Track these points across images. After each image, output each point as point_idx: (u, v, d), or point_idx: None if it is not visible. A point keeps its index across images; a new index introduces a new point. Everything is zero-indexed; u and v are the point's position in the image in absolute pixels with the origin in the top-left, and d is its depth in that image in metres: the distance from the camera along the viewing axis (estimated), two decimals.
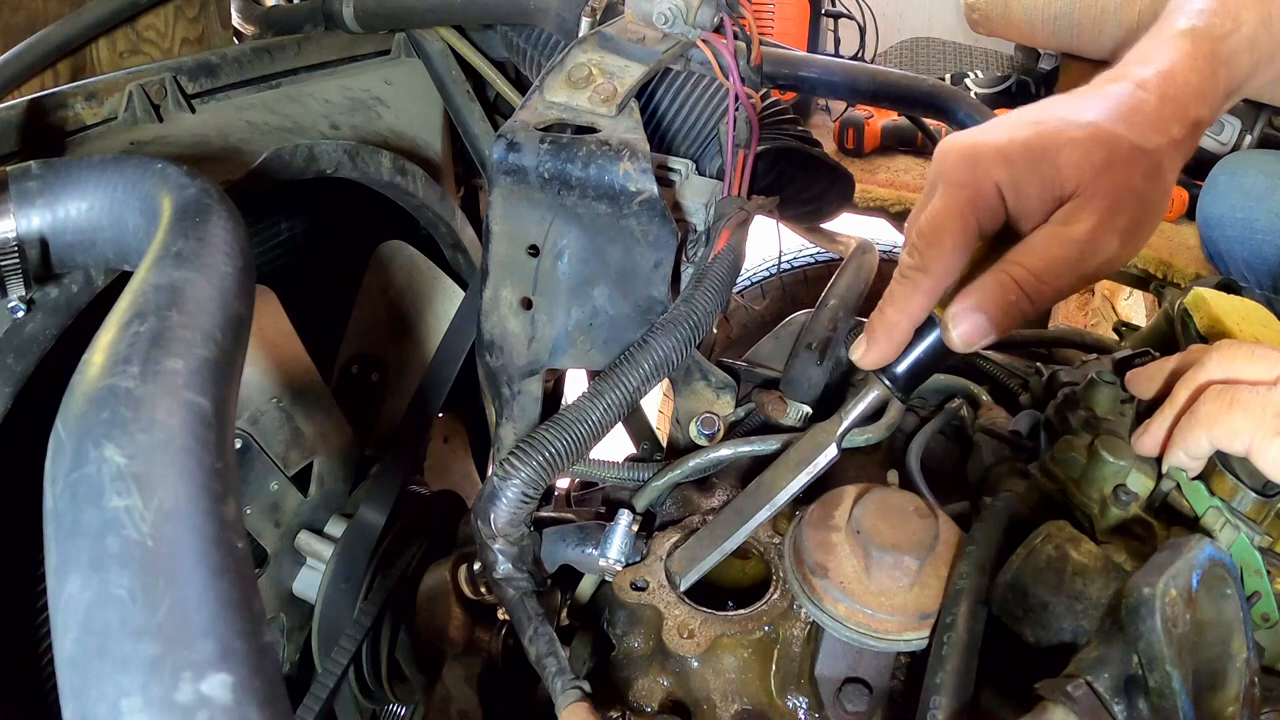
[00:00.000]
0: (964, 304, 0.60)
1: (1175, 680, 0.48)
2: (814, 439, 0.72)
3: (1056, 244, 0.58)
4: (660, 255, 0.73)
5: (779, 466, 0.73)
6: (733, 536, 0.71)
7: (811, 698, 0.68)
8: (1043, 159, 0.57)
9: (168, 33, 1.20)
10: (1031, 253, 0.58)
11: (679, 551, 0.74)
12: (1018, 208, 0.59)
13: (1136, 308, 2.35)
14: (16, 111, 0.78)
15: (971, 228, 0.59)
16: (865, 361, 0.65)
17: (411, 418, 1.08)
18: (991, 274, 0.59)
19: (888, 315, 0.62)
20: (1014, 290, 0.58)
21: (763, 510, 0.71)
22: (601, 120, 0.74)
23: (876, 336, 0.63)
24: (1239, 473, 0.60)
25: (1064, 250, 0.58)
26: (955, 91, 1.30)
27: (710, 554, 0.72)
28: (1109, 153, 0.57)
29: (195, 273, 0.49)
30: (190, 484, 0.37)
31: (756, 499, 0.72)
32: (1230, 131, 1.78)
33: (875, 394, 0.69)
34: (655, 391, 0.94)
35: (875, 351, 0.64)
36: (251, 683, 0.33)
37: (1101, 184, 0.57)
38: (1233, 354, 0.62)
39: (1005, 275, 0.59)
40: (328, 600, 0.97)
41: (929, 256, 0.59)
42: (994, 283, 0.59)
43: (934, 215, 0.59)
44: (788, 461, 0.73)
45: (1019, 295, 0.58)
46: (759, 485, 0.73)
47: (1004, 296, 0.59)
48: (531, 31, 1.07)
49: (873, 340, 0.63)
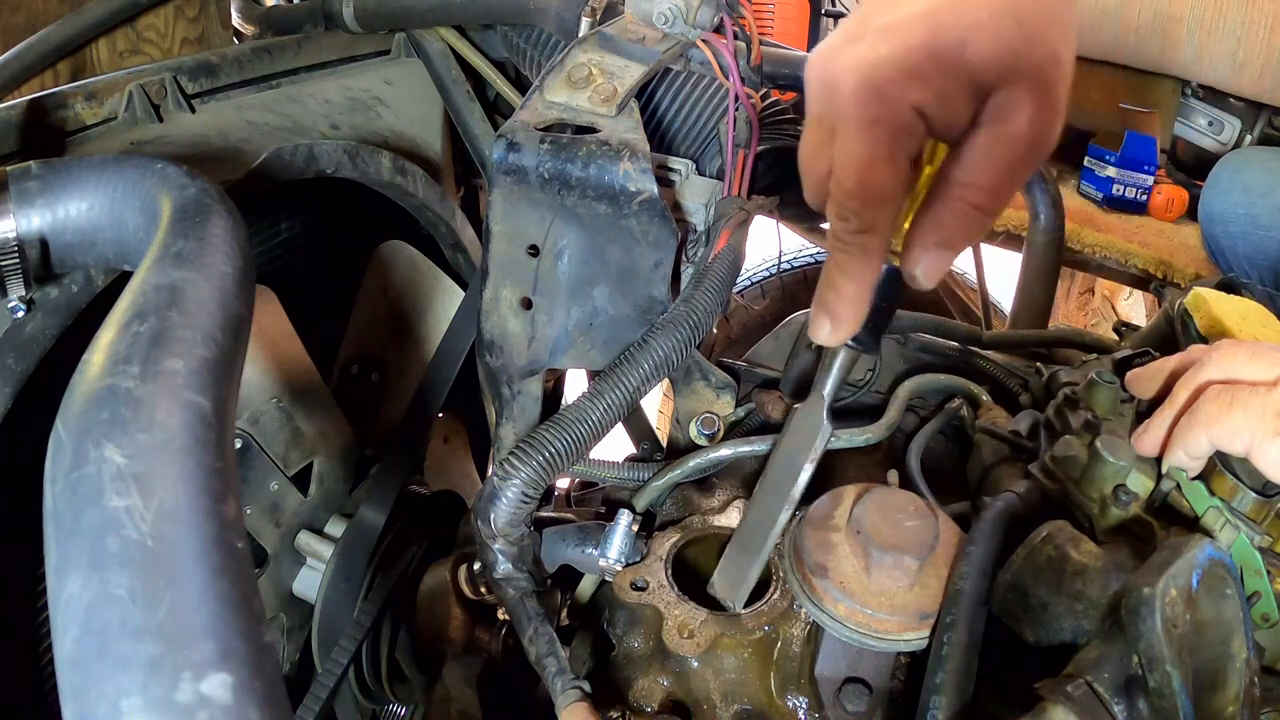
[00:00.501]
0: (926, 244, 0.54)
1: (1175, 680, 0.48)
2: (802, 425, 0.72)
3: (1000, 147, 0.51)
4: (660, 255, 0.73)
5: (778, 462, 0.73)
6: (766, 542, 0.71)
7: (811, 698, 0.68)
8: (951, 57, 0.49)
9: (168, 33, 1.20)
10: (976, 166, 0.52)
11: (718, 578, 0.73)
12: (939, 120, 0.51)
13: (1136, 308, 2.35)
14: (16, 111, 0.78)
15: (903, 166, 0.52)
16: (833, 342, 0.59)
17: (411, 418, 1.08)
18: (943, 203, 0.53)
19: (845, 290, 0.55)
20: (969, 213, 0.53)
21: (784, 509, 0.70)
22: (601, 120, 0.74)
23: (839, 314, 0.56)
24: (1239, 473, 0.60)
25: (1010, 151, 0.51)
26: None
27: (752, 566, 0.71)
28: (1021, 24, 0.49)
29: (195, 273, 0.49)
30: (190, 484, 0.37)
31: (773, 500, 0.72)
32: (1230, 131, 1.78)
33: (844, 358, 0.68)
34: (655, 391, 0.94)
35: (842, 329, 0.57)
36: (251, 683, 0.33)
37: (1025, 64, 0.49)
38: (1233, 354, 0.62)
39: (958, 201, 0.53)
40: (328, 600, 0.97)
41: (870, 217, 0.52)
42: (948, 212, 0.53)
43: (860, 167, 0.51)
44: (787, 454, 0.73)
45: (976, 216, 0.53)
46: (768, 487, 0.73)
47: (963, 224, 0.53)
48: (531, 31, 1.07)
49: (836, 318, 0.57)
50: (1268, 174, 1.56)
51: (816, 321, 0.58)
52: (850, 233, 0.53)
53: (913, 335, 0.94)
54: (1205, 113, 1.81)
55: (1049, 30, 0.50)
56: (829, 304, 0.57)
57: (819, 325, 0.58)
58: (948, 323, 0.95)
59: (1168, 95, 1.83)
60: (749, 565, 0.72)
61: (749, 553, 0.72)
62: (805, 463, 0.70)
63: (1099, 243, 1.74)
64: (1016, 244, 1.69)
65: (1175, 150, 1.87)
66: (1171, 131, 1.86)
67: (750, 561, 0.72)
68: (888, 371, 0.94)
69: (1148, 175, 1.78)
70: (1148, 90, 1.84)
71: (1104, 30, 1.76)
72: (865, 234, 0.53)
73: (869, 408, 0.93)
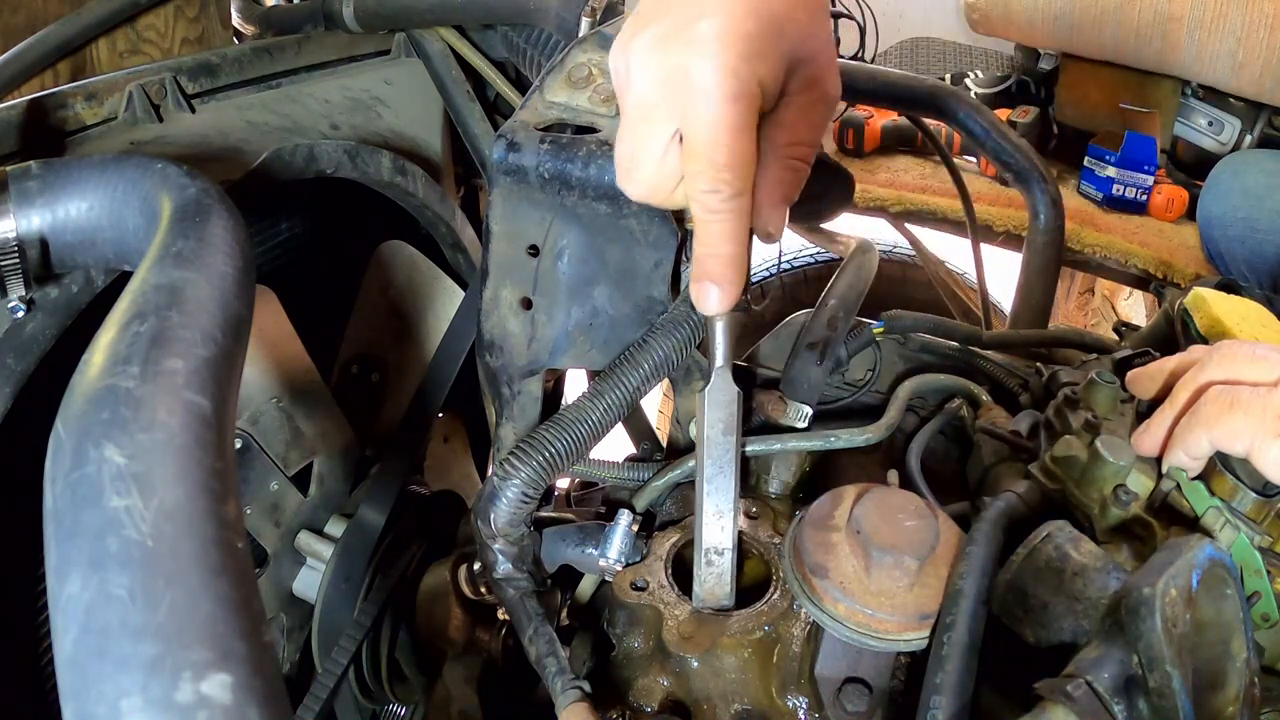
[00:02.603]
0: (774, 201, 0.61)
1: (1175, 680, 0.48)
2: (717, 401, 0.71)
3: (814, 110, 0.61)
4: (660, 255, 0.73)
5: (709, 451, 0.72)
6: (731, 530, 0.71)
7: (811, 698, 0.68)
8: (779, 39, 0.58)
9: (168, 33, 1.21)
10: (798, 126, 0.61)
11: (699, 589, 0.73)
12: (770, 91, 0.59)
13: (1136, 308, 2.35)
14: (16, 111, 0.78)
15: (755, 133, 0.59)
16: (725, 306, 0.63)
17: (411, 418, 1.08)
18: (777, 163, 0.61)
19: (728, 253, 0.60)
20: (800, 168, 0.62)
21: (732, 490, 0.71)
22: (601, 120, 0.74)
23: (728, 277, 0.61)
24: (1239, 473, 0.60)
25: (821, 112, 0.62)
26: (955, 91, 1.30)
27: (727, 561, 0.72)
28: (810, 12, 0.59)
29: (195, 273, 0.49)
30: (190, 484, 0.37)
31: (718, 486, 0.72)
32: (1230, 131, 1.78)
33: (726, 324, 0.68)
34: (655, 391, 0.94)
35: (732, 292, 0.62)
36: (251, 683, 0.33)
37: (818, 41, 0.60)
38: (1234, 355, 0.62)
39: (790, 160, 0.61)
40: (328, 600, 0.97)
41: (742, 181, 0.58)
42: (785, 170, 0.61)
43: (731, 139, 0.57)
44: (712, 439, 0.72)
45: (803, 168, 0.62)
46: (710, 477, 0.72)
47: (795, 178, 0.62)
48: (531, 31, 1.07)
49: (726, 283, 0.61)
50: (1266, 177, 1.56)
51: (703, 293, 0.62)
52: (724, 200, 0.58)
53: (913, 335, 0.94)
54: (1205, 113, 1.81)
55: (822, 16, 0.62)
56: (715, 273, 0.61)
57: (706, 296, 0.62)
58: (948, 323, 0.95)
59: (1168, 95, 1.83)
60: (723, 561, 0.72)
61: (719, 548, 0.72)
62: (733, 436, 0.71)
63: (1099, 243, 1.74)
64: (1016, 244, 1.69)
65: (1175, 150, 1.87)
66: (1171, 131, 1.85)
67: (724, 556, 0.72)
68: (888, 371, 0.94)
69: (1148, 175, 1.78)
70: (1148, 90, 1.84)
71: (1104, 30, 1.76)
72: (738, 198, 0.59)
73: (869, 408, 0.93)
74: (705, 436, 0.71)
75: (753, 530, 0.79)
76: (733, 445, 0.71)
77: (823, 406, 0.91)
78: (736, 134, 0.56)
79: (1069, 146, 1.95)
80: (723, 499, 0.72)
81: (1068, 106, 1.95)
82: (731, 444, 0.71)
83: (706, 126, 0.57)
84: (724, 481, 0.72)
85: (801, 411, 0.84)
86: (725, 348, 0.69)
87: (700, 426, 0.72)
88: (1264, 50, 1.60)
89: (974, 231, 1.38)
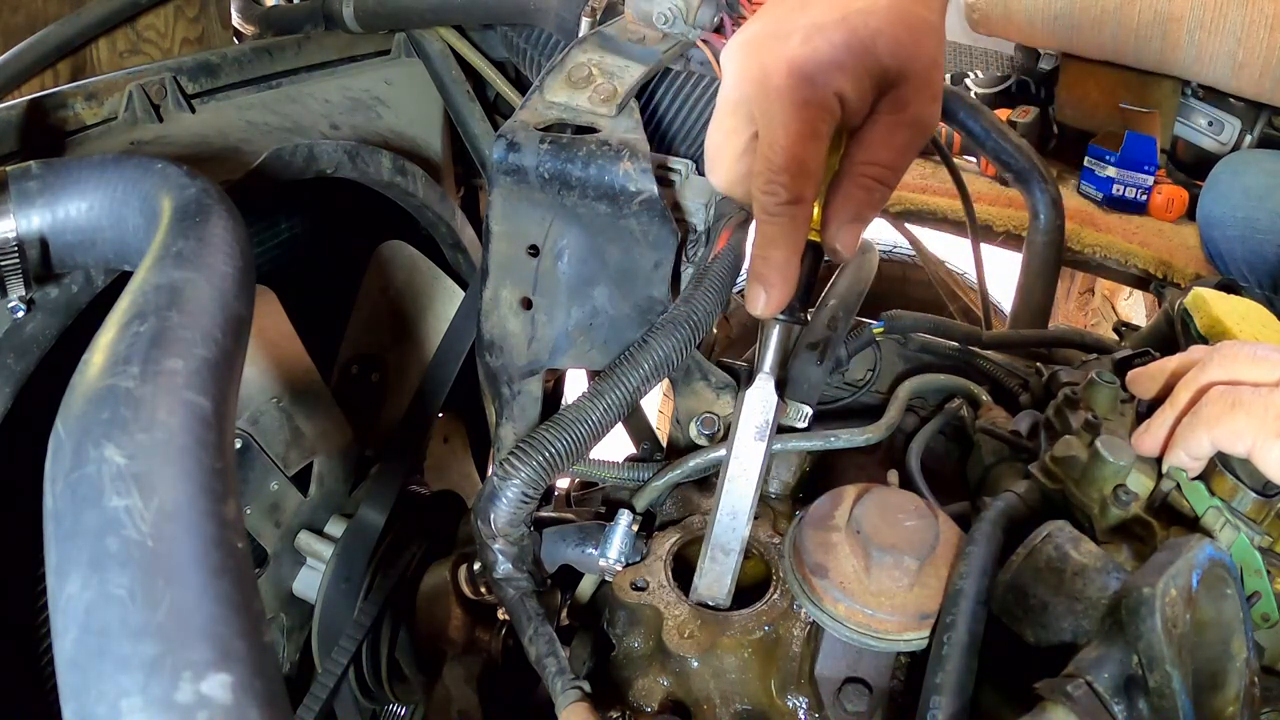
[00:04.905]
0: (842, 219, 0.61)
1: (1175, 680, 0.48)
2: (754, 405, 0.71)
3: (899, 132, 0.60)
4: (660, 255, 0.73)
5: (736, 450, 0.72)
6: (742, 533, 0.71)
7: (811, 698, 0.68)
8: (867, 55, 0.57)
9: (168, 33, 1.21)
10: (878, 146, 0.60)
11: (700, 581, 0.73)
12: (853, 104, 0.59)
13: (1136, 308, 2.35)
14: (16, 111, 0.78)
15: (825, 143, 0.59)
16: (770, 310, 0.63)
17: (411, 418, 1.08)
18: (851, 180, 0.60)
19: (777, 259, 0.61)
20: (876, 188, 0.61)
21: (752, 495, 0.71)
22: (601, 120, 0.74)
23: (774, 281, 0.61)
24: (1239, 473, 0.60)
25: (906, 136, 0.60)
26: (955, 91, 1.30)
27: (732, 561, 0.72)
28: (912, 32, 0.59)
29: (195, 273, 0.49)
30: (190, 484, 0.37)
31: (738, 487, 0.71)
32: (1230, 131, 1.78)
33: (779, 332, 0.69)
34: (655, 391, 0.94)
35: (777, 296, 0.62)
36: (251, 683, 0.33)
37: (916, 64, 0.59)
38: (1234, 355, 0.62)
39: (865, 179, 0.60)
40: (328, 600, 0.97)
41: (800, 188, 0.58)
42: (858, 188, 0.60)
43: (793, 144, 0.57)
44: (743, 440, 0.72)
45: (881, 190, 0.61)
46: (733, 476, 0.72)
47: (870, 198, 0.61)
48: (531, 31, 1.07)
49: (771, 286, 0.62)
50: (1266, 177, 1.55)
51: (753, 294, 0.63)
52: (779, 205, 0.59)
53: (913, 335, 0.94)
54: (1205, 113, 1.81)
55: (930, 39, 0.60)
56: (764, 275, 0.62)
57: (755, 297, 0.63)
58: (948, 323, 0.95)
59: (1168, 95, 1.83)
60: (728, 561, 0.72)
61: (726, 548, 0.72)
62: (763, 443, 0.71)
63: (1099, 243, 1.74)
64: (1016, 244, 1.69)
65: (1175, 150, 1.87)
66: (1171, 131, 1.85)
67: (729, 556, 0.72)
68: (888, 371, 0.94)
69: (1148, 175, 1.78)
70: (1148, 90, 1.84)
71: (1104, 30, 1.76)
72: (794, 204, 0.59)
73: (869, 408, 0.93)
74: (737, 437, 0.72)
75: (753, 530, 0.79)
76: (761, 452, 0.71)
77: (823, 406, 0.91)
78: (801, 141, 0.57)
79: (1069, 146, 1.95)
80: (740, 502, 0.71)
81: (1068, 106, 1.95)
82: (761, 451, 0.71)
83: (772, 129, 0.58)
84: (745, 486, 0.71)
85: (801, 411, 0.84)
86: (774, 355, 0.70)
87: (734, 425, 0.72)
88: (1264, 50, 1.59)
89: (974, 231, 1.38)
